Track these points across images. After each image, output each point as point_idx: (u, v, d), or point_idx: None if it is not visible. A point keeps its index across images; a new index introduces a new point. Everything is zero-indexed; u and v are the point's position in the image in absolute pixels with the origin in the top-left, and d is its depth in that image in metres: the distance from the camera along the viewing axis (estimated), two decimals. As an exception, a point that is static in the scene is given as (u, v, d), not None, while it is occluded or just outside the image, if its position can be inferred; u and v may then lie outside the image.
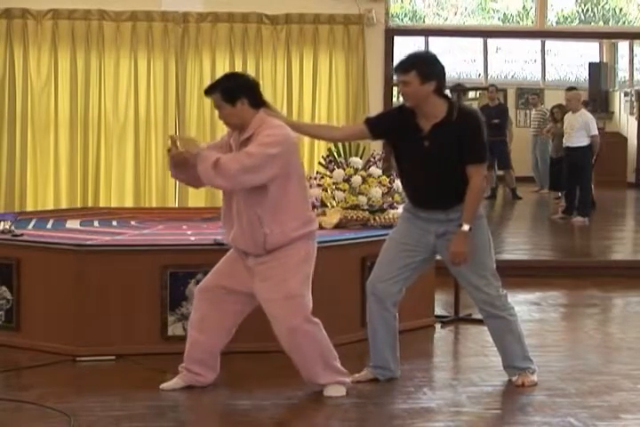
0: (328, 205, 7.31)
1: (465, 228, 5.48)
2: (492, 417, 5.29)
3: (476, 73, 20.82)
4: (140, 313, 6.28)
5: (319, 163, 7.68)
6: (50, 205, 9.60)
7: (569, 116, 13.41)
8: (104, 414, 5.12)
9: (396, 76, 5.55)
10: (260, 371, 5.95)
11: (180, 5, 9.72)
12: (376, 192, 7.25)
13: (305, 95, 9.88)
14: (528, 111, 19.51)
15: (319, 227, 6.95)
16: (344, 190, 7.26)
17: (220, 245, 5.97)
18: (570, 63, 21.33)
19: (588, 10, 17.63)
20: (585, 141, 13.09)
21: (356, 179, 7.27)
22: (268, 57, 9.79)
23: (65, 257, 6.30)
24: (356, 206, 7.22)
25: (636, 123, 19.13)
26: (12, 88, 9.60)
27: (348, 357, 5.70)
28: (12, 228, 6.68)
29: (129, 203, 9.70)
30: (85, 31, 9.60)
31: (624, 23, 15.99)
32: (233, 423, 5.18)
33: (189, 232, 6.98)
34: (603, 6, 17.20)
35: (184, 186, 9.68)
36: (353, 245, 6.71)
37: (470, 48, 20.69)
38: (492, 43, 20.48)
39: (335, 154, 7.42)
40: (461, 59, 20.79)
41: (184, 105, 9.73)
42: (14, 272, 6.41)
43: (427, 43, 19.50)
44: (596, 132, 13.20)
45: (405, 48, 10.26)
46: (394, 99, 10.49)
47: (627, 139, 19.49)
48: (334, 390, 5.47)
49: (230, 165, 5.17)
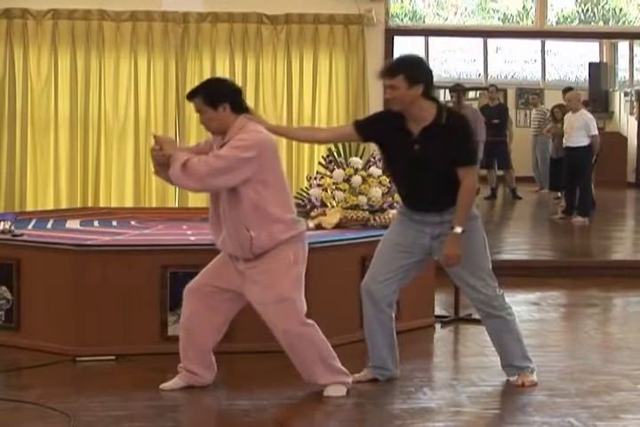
0: (328, 205, 7.30)
1: (457, 230, 5.47)
2: (491, 417, 5.29)
3: (476, 73, 20.82)
4: (140, 313, 6.28)
5: (319, 163, 7.68)
6: (50, 205, 9.61)
7: (569, 116, 13.41)
8: (104, 414, 5.12)
9: (383, 81, 5.50)
10: (260, 371, 5.95)
11: (180, 5, 9.72)
12: (376, 192, 7.25)
13: (305, 95, 9.89)
14: (528, 111, 19.52)
15: (319, 227, 7.01)
16: (344, 190, 7.25)
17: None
18: (570, 63, 21.33)
19: (587, 10, 17.63)
20: (585, 141, 13.09)
21: (356, 179, 7.26)
22: (267, 57, 9.80)
23: (65, 257, 6.30)
24: (356, 206, 7.22)
25: (636, 123, 19.13)
26: (12, 88, 9.61)
27: (348, 357, 5.70)
28: (12, 228, 6.68)
29: (129, 203, 9.70)
30: (85, 31, 9.61)
31: (624, 23, 15.98)
32: (233, 423, 5.18)
33: (189, 232, 6.98)
34: (603, 6, 17.20)
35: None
36: (353, 245, 6.70)
37: (470, 48, 20.69)
38: (491, 43, 20.48)
39: (335, 154, 7.42)
40: (461, 59, 20.80)
41: (184, 105, 9.72)
42: (14, 272, 6.41)
43: (427, 43, 19.52)
44: (596, 132, 13.20)
45: (405, 48, 10.28)
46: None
47: (627, 139, 19.49)
48: (334, 391, 5.47)
49: (198, 167, 5.19)
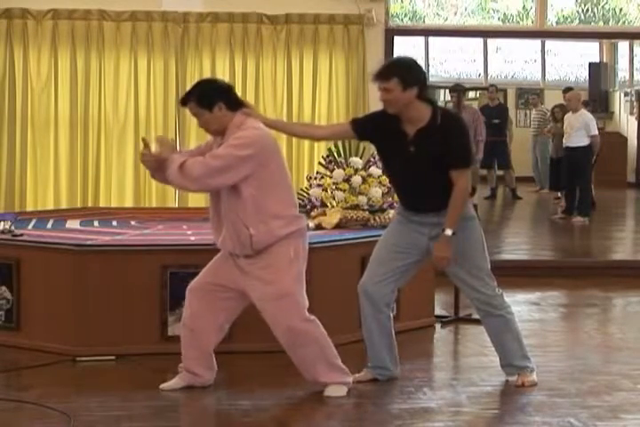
0: (328, 205, 7.31)
1: (447, 232, 5.47)
2: (491, 417, 5.29)
3: (476, 73, 20.82)
4: (140, 313, 6.28)
5: (319, 163, 7.68)
6: (50, 205, 9.61)
7: (569, 116, 13.40)
8: (104, 414, 5.12)
9: (376, 83, 5.47)
10: (261, 371, 5.95)
11: (180, 5, 9.73)
12: (376, 192, 7.25)
13: (305, 95, 9.89)
14: (528, 111, 19.52)
15: (319, 227, 7.01)
16: (344, 190, 7.25)
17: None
18: (570, 63, 21.33)
19: (588, 10, 17.62)
20: (585, 141, 13.09)
21: (356, 179, 7.26)
22: (268, 57, 9.80)
23: (65, 257, 6.30)
24: (356, 206, 7.22)
25: (636, 123, 19.12)
26: (12, 88, 9.61)
27: (348, 357, 5.69)
28: (12, 228, 6.68)
29: (129, 203, 9.70)
30: (85, 31, 9.61)
31: (624, 23, 15.97)
32: (233, 423, 5.17)
33: (189, 232, 6.98)
34: (603, 6, 17.18)
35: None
36: (353, 245, 6.70)
37: (470, 48, 20.68)
38: (491, 43, 20.48)
39: (335, 154, 7.42)
40: (461, 59, 20.79)
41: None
42: (14, 272, 6.40)
43: (427, 43, 19.52)
44: (596, 132, 13.20)
45: (405, 48, 10.27)
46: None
47: (627, 139, 19.49)
48: (335, 391, 5.46)
49: (195, 168, 5.19)
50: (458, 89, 11.68)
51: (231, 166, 5.20)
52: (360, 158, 7.42)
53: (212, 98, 5.29)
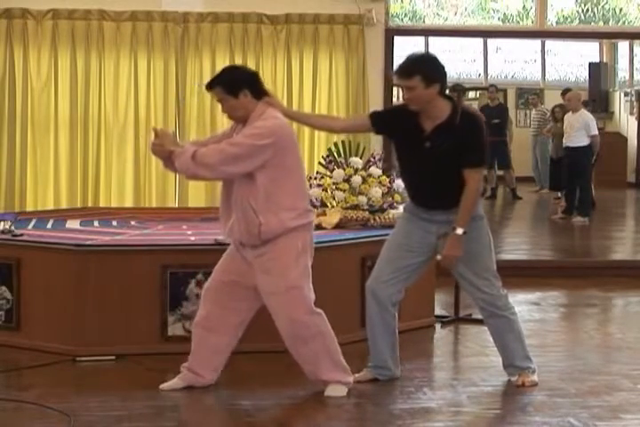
0: (328, 205, 7.30)
1: (458, 231, 5.47)
2: (492, 417, 5.29)
3: (476, 73, 20.82)
4: (140, 313, 6.28)
5: (319, 163, 7.67)
6: (50, 205, 9.60)
7: (569, 116, 13.41)
8: (104, 414, 5.12)
9: (398, 81, 5.47)
10: (262, 371, 5.95)
11: (180, 5, 9.72)
12: (376, 192, 7.25)
13: (305, 95, 9.88)
14: (528, 111, 19.53)
15: (319, 227, 7.01)
16: (344, 190, 7.25)
17: (221, 245, 5.96)
18: (570, 63, 21.33)
19: (588, 10, 17.61)
20: (585, 141, 13.09)
21: (356, 179, 7.26)
22: (267, 57, 9.80)
23: (65, 257, 6.30)
24: (356, 206, 7.22)
25: (636, 123, 19.13)
26: (12, 88, 9.60)
27: (348, 357, 5.68)
28: (12, 228, 6.68)
29: (129, 203, 9.69)
30: (85, 31, 9.60)
31: (624, 23, 15.97)
32: (234, 423, 5.18)
33: (189, 232, 6.98)
34: (603, 6, 17.18)
35: (184, 186, 9.72)
36: (353, 245, 6.70)
37: (470, 48, 20.69)
38: (491, 43, 20.49)
39: (335, 154, 7.42)
40: (461, 59, 20.79)
41: (184, 105, 9.73)
42: (14, 272, 6.40)
43: (427, 43, 19.51)
44: (596, 132, 13.20)
45: (405, 48, 10.27)
46: (394, 99, 10.48)
47: (627, 139, 19.50)
48: (335, 391, 5.46)
49: (211, 154, 5.19)
50: (458, 89, 11.64)
51: (248, 155, 5.19)
52: (360, 158, 7.42)
53: (238, 84, 5.30)
